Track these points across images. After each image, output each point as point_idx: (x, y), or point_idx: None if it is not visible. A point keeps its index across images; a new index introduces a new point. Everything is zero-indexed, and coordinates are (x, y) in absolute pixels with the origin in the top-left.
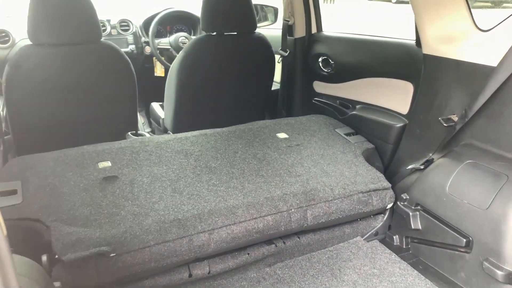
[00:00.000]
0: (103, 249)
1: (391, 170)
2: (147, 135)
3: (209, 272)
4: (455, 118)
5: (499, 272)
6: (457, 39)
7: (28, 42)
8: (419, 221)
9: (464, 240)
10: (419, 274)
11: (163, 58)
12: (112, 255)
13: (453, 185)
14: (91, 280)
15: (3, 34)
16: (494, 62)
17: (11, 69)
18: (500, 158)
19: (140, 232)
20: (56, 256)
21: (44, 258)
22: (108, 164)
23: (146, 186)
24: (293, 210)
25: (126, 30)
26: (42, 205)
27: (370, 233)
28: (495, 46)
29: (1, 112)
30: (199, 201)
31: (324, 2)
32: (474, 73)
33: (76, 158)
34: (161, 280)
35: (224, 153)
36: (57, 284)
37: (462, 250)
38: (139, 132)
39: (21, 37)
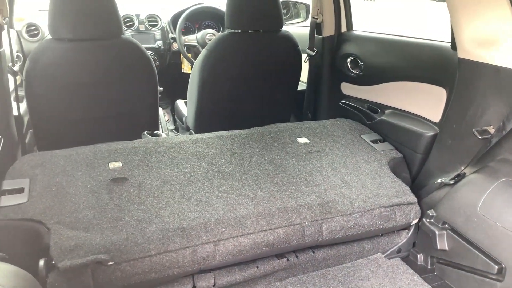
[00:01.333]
0: (101, 257)
1: (418, 183)
2: (163, 135)
3: (214, 285)
4: (491, 130)
5: None
6: (498, 42)
7: None
8: (446, 241)
9: (496, 267)
10: None
11: (190, 55)
12: (110, 263)
13: (486, 204)
14: None
15: (33, 28)
16: None
17: (30, 63)
18: None
19: (141, 240)
20: (53, 262)
21: (41, 263)
22: (119, 164)
23: (154, 190)
24: (307, 223)
25: (154, 26)
26: (47, 205)
27: (392, 250)
28: None
29: (25, 106)
30: (207, 208)
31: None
32: None
33: (87, 157)
34: None
35: (239, 157)
36: None
37: (493, 277)
38: (155, 132)
39: None
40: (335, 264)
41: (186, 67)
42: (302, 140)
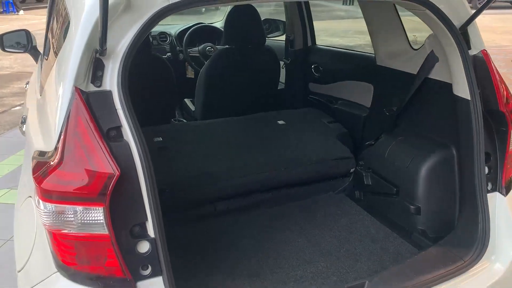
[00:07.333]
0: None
1: (357, 147)
2: (185, 121)
3: (227, 208)
4: (394, 109)
5: (412, 207)
6: (398, 55)
7: None
8: (370, 179)
9: (395, 189)
10: (367, 213)
11: (193, 63)
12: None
13: (390, 153)
14: None
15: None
16: (416, 71)
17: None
18: (420, 136)
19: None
20: None
21: None
22: (160, 139)
23: (186, 152)
24: (282, 169)
25: (164, 41)
26: None
27: (339, 190)
28: (420, 60)
29: None
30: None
31: (343, 4)
32: (406, 79)
33: None
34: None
35: (240, 131)
36: None
37: (393, 196)
38: (179, 118)
39: None
40: (300, 199)
41: (189, 73)
42: (280, 122)
